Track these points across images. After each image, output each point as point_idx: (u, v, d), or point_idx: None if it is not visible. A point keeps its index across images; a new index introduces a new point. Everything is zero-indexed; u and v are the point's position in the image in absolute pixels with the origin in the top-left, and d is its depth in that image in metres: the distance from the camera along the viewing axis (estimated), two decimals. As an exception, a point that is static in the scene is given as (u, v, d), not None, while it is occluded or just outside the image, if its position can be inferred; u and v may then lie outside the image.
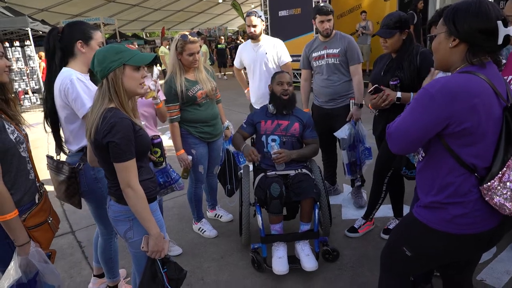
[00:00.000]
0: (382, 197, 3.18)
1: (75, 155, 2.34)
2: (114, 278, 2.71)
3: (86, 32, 2.26)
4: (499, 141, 1.48)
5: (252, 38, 3.80)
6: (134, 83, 1.83)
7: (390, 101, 2.72)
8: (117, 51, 1.77)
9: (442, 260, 1.78)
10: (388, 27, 2.78)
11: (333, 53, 3.62)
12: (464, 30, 1.47)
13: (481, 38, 1.46)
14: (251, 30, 3.72)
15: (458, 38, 1.50)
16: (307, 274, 2.81)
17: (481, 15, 1.44)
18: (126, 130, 1.73)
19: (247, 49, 3.94)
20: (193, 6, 27.42)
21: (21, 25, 11.02)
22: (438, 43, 1.59)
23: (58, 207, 4.18)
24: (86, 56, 2.26)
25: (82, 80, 2.17)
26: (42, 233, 1.92)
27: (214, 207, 3.85)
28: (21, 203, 1.83)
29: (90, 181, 2.32)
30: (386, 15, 2.87)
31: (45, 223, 1.96)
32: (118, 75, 1.77)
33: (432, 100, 1.45)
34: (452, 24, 1.50)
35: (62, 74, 2.20)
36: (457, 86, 1.43)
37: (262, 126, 3.22)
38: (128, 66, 1.79)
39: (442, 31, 1.55)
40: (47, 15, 17.83)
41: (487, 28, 1.44)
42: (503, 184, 1.44)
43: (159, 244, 1.84)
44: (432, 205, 1.61)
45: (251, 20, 3.69)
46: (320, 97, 3.81)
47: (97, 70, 1.76)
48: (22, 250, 1.79)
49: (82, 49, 2.25)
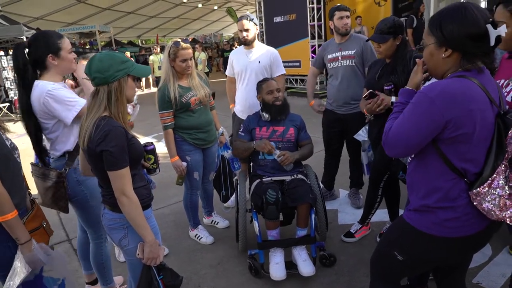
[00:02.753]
0: (378, 201, 3.18)
1: (58, 160, 2.35)
2: (107, 285, 2.69)
3: (53, 44, 2.23)
4: (490, 147, 1.49)
5: (245, 43, 3.68)
6: (132, 92, 1.87)
7: (385, 106, 2.73)
8: (122, 60, 1.79)
9: (433, 263, 1.78)
10: (382, 32, 2.80)
11: (349, 55, 3.56)
12: (453, 39, 1.46)
13: (471, 45, 1.45)
14: (243, 34, 3.60)
15: (450, 48, 1.49)
16: (304, 279, 2.81)
17: (468, 22, 1.43)
18: (119, 139, 1.73)
19: (238, 55, 3.82)
20: (189, 13, 27.53)
21: (16, 34, 11.00)
22: (429, 54, 1.58)
23: (54, 215, 4.15)
24: (58, 67, 2.27)
25: (55, 89, 2.17)
26: (40, 237, 1.95)
27: (211, 213, 3.83)
28: (18, 207, 1.82)
29: (72, 184, 2.34)
30: (380, 20, 2.89)
31: (41, 227, 1.98)
32: (122, 84, 1.79)
33: (432, 104, 1.44)
34: (440, 33, 1.49)
35: (37, 88, 2.19)
36: (457, 90, 1.43)
37: (257, 133, 3.21)
38: (130, 76, 1.82)
39: (431, 42, 1.54)
40: (43, 24, 17.86)
41: (477, 34, 1.43)
42: (493, 190, 1.44)
43: (155, 251, 1.85)
44: (422, 208, 1.61)
45: (243, 24, 3.58)
46: (333, 101, 3.75)
47: (96, 76, 1.75)
48: (26, 247, 1.80)
49: (54, 62, 2.24)
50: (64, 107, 2.17)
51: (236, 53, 3.90)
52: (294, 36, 11.01)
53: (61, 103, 2.16)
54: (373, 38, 2.83)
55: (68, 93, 2.22)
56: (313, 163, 3.43)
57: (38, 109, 2.20)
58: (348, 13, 3.57)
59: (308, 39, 10.73)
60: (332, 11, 3.62)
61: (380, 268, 1.90)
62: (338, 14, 3.54)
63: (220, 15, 30.12)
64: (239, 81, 3.84)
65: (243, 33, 3.60)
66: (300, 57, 11.18)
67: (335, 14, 3.56)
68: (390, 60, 2.89)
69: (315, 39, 10.64)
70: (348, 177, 4.09)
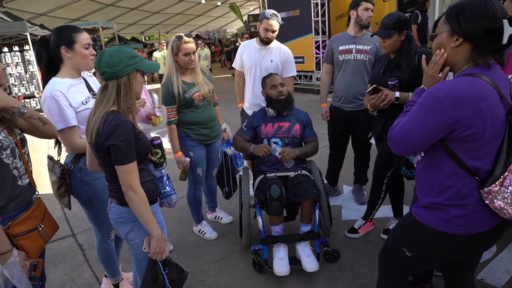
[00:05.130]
0: (381, 197, 3.18)
1: (69, 155, 2.35)
2: (113, 277, 2.75)
3: (69, 36, 2.23)
4: (501, 145, 1.47)
5: (264, 42, 3.64)
6: (140, 88, 1.90)
7: (389, 101, 2.73)
8: (131, 55, 1.79)
9: (442, 260, 1.78)
10: (387, 28, 2.79)
11: (364, 50, 3.51)
12: (468, 29, 1.44)
13: (485, 38, 1.43)
14: (269, 35, 3.53)
15: (462, 37, 1.47)
16: (308, 275, 2.81)
17: (487, 14, 1.41)
18: (127, 133, 1.74)
19: (250, 49, 3.75)
20: (192, 9, 27.48)
21: (20, 30, 11.01)
22: (439, 42, 1.57)
23: (59, 211, 4.18)
24: (72, 60, 2.26)
25: (56, 96, 2.15)
26: (30, 241, 1.87)
27: (214, 209, 3.85)
28: (5, 210, 1.79)
29: (77, 183, 2.33)
30: (385, 15, 2.87)
31: (34, 230, 1.90)
32: (131, 80, 1.80)
33: (439, 105, 1.42)
34: (456, 22, 1.47)
35: (46, 86, 2.20)
36: (464, 91, 1.41)
37: (263, 130, 3.21)
38: (138, 71, 1.83)
39: (445, 30, 1.52)
40: (46, 20, 17.83)
41: (493, 27, 1.41)
42: (505, 188, 1.43)
43: (161, 246, 1.86)
44: (431, 205, 1.60)
45: (272, 25, 3.49)
46: (340, 97, 3.71)
47: (105, 70, 1.75)
48: (3, 258, 1.73)
49: (67, 54, 2.24)
50: (52, 118, 2.14)
51: (248, 46, 3.80)
52: (298, 32, 11.00)
53: (51, 113, 2.15)
54: (378, 33, 2.81)
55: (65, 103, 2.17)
56: (317, 159, 3.43)
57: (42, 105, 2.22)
58: (373, 7, 3.49)
59: (312, 35, 10.71)
60: (359, 0, 3.50)
61: (388, 264, 1.90)
62: (365, 4, 3.46)
63: (224, 11, 30.08)
64: (248, 77, 3.81)
65: (270, 34, 3.54)
66: (304, 53, 11.18)
67: (361, 4, 3.47)
68: (394, 55, 2.88)
69: (319, 35, 10.63)
70: (352, 173, 4.09)
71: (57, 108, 2.15)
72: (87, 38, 2.31)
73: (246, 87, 3.89)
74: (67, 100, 2.18)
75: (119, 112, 1.79)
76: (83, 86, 2.34)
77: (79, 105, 2.23)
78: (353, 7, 3.55)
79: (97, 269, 3.16)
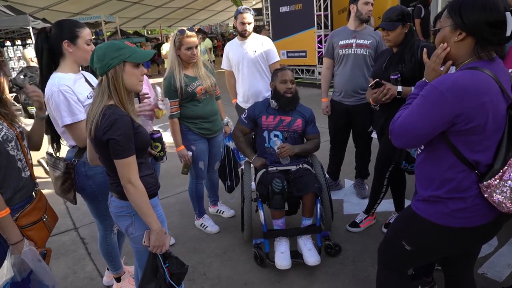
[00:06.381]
0: (383, 191, 3.17)
1: (71, 150, 2.35)
2: (115, 271, 2.76)
3: (72, 31, 2.22)
4: (501, 139, 1.47)
5: (244, 36, 3.72)
6: (134, 80, 1.84)
7: (391, 95, 2.71)
8: (117, 48, 1.77)
9: (441, 253, 1.78)
10: (391, 20, 2.77)
11: (364, 44, 3.51)
12: (471, 23, 1.43)
13: (489, 31, 1.42)
14: (245, 28, 3.65)
15: (464, 31, 1.46)
16: (309, 268, 2.82)
17: (489, 7, 1.40)
18: (126, 127, 1.73)
19: (233, 46, 3.86)
20: (194, 3, 27.39)
21: (22, 24, 11.03)
22: (442, 37, 1.56)
23: (61, 205, 4.19)
24: (74, 55, 2.24)
25: (65, 91, 2.14)
26: (37, 232, 1.92)
27: (216, 203, 3.85)
28: (12, 201, 1.82)
29: (81, 177, 2.33)
30: (388, 8, 2.86)
31: (40, 221, 1.95)
32: (118, 72, 1.77)
33: (442, 98, 1.42)
34: (458, 16, 1.46)
35: (50, 81, 2.18)
36: (467, 84, 1.41)
37: (264, 121, 3.20)
38: (128, 63, 1.79)
39: (447, 24, 1.51)
40: (49, 14, 17.82)
41: (496, 20, 1.40)
42: (504, 182, 1.43)
43: (161, 239, 1.86)
44: (431, 198, 1.60)
45: (245, 18, 3.61)
46: (340, 91, 3.70)
47: (96, 66, 1.77)
48: (16, 248, 1.79)
49: (69, 48, 2.22)
50: (59, 114, 2.14)
51: (231, 45, 3.92)
52: (300, 26, 10.94)
53: (58, 109, 2.14)
54: (382, 26, 2.79)
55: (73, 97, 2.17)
56: (318, 153, 3.42)
57: (46, 101, 2.20)
58: (373, 1, 3.47)
59: (315, 29, 10.66)
60: None
61: (388, 257, 1.90)
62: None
63: (226, 5, 29.96)
64: (237, 73, 3.88)
65: (246, 26, 3.65)
66: (306, 47, 11.12)
67: None
68: (397, 49, 2.86)
69: (321, 29, 10.57)
70: (354, 167, 4.08)
71: (65, 103, 2.14)
72: (89, 34, 2.31)
73: (237, 84, 3.96)
74: (75, 94, 2.18)
75: (117, 106, 1.78)
76: (84, 81, 2.34)
77: (85, 99, 2.23)
78: (353, 1, 3.53)
79: (99, 263, 3.17)
